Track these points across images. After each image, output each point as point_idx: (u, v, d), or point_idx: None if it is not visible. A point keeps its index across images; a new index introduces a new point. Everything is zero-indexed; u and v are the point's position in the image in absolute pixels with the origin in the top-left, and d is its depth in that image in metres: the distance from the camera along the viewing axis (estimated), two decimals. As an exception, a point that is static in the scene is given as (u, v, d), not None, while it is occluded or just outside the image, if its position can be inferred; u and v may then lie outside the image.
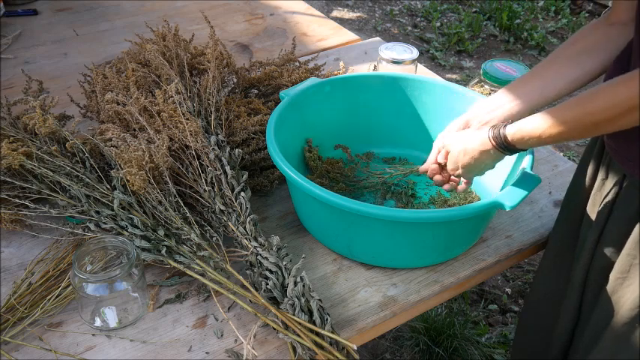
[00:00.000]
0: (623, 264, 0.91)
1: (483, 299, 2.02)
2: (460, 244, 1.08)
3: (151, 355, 0.91)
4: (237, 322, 0.96)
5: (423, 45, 3.64)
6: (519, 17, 3.79)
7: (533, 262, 2.17)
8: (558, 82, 0.98)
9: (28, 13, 1.97)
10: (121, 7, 2.04)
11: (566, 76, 0.98)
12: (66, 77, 1.59)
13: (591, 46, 0.96)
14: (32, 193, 1.06)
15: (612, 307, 0.92)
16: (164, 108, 1.10)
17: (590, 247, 0.98)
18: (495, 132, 0.93)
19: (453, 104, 1.25)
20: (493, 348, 1.80)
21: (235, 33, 1.90)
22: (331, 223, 1.05)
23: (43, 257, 1.05)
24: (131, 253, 0.94)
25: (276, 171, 1.21)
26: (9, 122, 1.16)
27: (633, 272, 0.89)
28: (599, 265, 0.96)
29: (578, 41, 0.98)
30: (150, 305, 0.98)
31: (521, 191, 0.96)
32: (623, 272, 0.91)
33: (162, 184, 1.03)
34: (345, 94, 1.29)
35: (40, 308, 0.95)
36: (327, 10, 3.94)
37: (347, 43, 1.86)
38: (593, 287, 0.99)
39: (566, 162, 1.37)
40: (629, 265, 0.90)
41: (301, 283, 0.91)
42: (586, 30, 0.99)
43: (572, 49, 0.98)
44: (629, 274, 0.90)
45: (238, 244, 1.01)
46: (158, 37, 1.33)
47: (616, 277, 0.92)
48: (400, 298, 1.01)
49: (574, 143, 2.88)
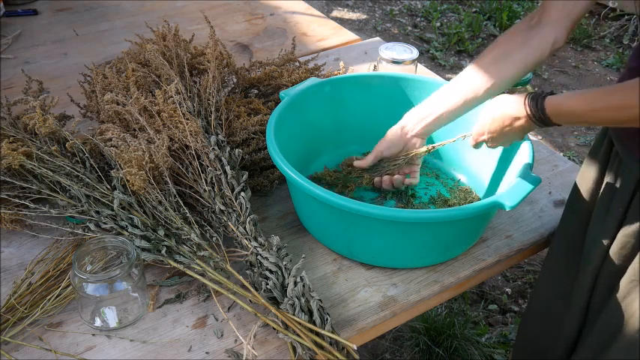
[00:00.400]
0: (636, 267, 0.89)
1: (483, 299, 2.02)
2: (460, 244, 1.08)
3: (151, 355, 0.91)
4: (237, 322, 0.96)
5: (423, 45, 3.64)
6: (519, 17, 3.79)
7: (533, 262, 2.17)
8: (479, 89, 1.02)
9: (28, 13, 1.97)
10: (121, 7, 2.04)
11: (484, 84, 1.01)
12: (66, 77, 1.59)
13: (507, 51, 0.99)
14: (32, 193, 1.06)
15: (623, 311, 0.91)
16: (164, 108, 1.10)
17: (602, 251, 0.96)
18: (533, 102, 0.90)
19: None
20: (493, 348, 1.80)
21: (235, 33, 1.90)
22: (331, 223, 1.05)
23: (43, 257, 1.05)
24: (131, 253, 0.94)
25: (276, 171, 1.21)
26: (9, 122, 1.16)
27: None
28: (611, 268, 0.95)
29: (497, 47, 1.02)
30: (150, 305, 0.98)
31: (521, 191, 0.96)
32: (636, 276, 0.90)
33: (162, 184, 1.03)
34: (345, 94, 1.29)
35: (40, 308, 0.95)
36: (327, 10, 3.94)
37: (347, 43, 1.86)
38: (602, 290, 0.97)
39: (566, 162, 1.37)
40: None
41: (301, 283, 0.91)
42: (508, 33, 1.02)
43: (490, 56, 1.02)
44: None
45: (238, 244, 1.01)
46: (158, 37, 1.33)
47: (630, 280, 0.91)
48: (400, 298, 1.01)
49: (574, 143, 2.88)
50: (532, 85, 1.56)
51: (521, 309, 1.99)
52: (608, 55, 3.60)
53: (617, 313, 0.92)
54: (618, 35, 3.77)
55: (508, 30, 1.02)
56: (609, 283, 0.95)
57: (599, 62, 3.56)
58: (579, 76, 3.43)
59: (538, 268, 2.14)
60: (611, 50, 3.67)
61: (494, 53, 1.01)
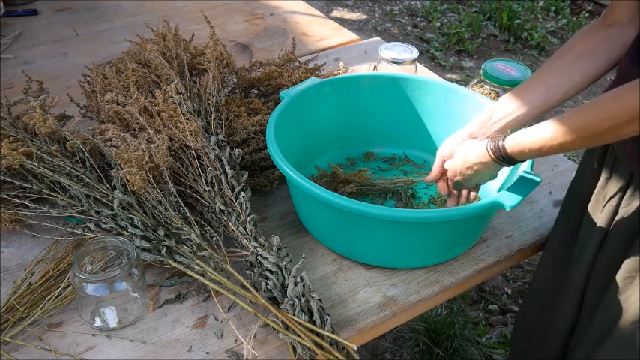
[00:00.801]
0: (631, 263, 0.90)
1: (483, 299, 2.02)
2: (460, 244, 1.08)
3: (151, 355, 0.91)
4: (237, 322, 0.96)
5: (423, 45, 3.64)
6: (519, 17, 3.79)
7: (533, 262, 2.17)
8: (561, 87, 0.98)
9: (28, 13, 1.97)
10: (121, 7, 2.04)
11: (567, 81, 0.97)
12: (66, 77, 1.59)
13: (590, 48, 0.96)
14: (32, 193, 1.06)
15: (620, 306, 0.92)
16: (164, 108, 1.10)
17: (594, 247, 0.97)
18: (494, 145, 0.93)
19: (453, 104, 1.25)
20: (493, 348, 1.80)
21: (235, 33, 1.90)
22: (331, 223, 1.05)
23: (43, 257, 1.05)
24: (131, 253, 0.94)
25: (276, 171, 1.21)
26: (9, 122, 1.16)
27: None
28: (603, 264, 0.96)
29: (576, 44, 0.98)
30: (150, 305, 0.98)
31: (521, 191, 0.96)
32: (631, 271, 0.90)
33: (162, 184, 1.03)
34: (345, 94, 1.29)
35: (40, 308, 0.95)
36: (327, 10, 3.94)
37: (347, 43, 1.86)
38: (595, 287, 0.98)
39: (566, 162, 1.37)
40: (638, 264, 0.89)
41: (301, 283, 0.91)
42: (584, 32, 0.99)
43: (571, 53, 0.98)
44: (639, 273, 0.89)
45: (238, 244, 1.01)
46: (158, 37, 1.33)
47: (624, 276, 0.91)
48: (400, 298, 1.01)
49: (574, 143, 2.88)
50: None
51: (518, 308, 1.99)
52: (608, 55, 3.60)
53: (613, 309, 0.93)
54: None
55: (580, 31, 1.00)
56: (603, 280, 0.96)
57: (599, 62, 3.55)
58: (579, 76, 3.43)
59: (538, 268, 2.14)
60: (611, 50, 3.66)
61: (576, 51, 0.98)
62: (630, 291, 0.91)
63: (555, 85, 0.98)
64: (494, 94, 1.38)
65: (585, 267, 0.99)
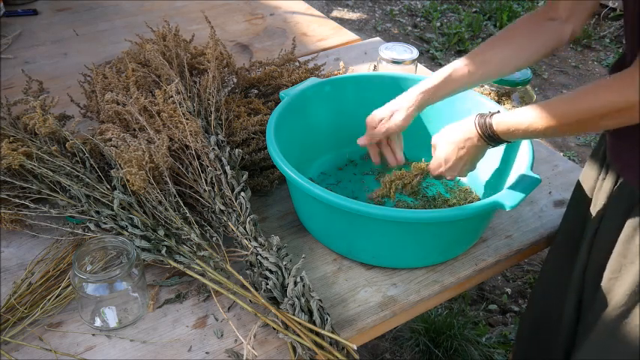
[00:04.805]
0: (614, 263, 0.91)
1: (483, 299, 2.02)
2: (460, 244, 1.08)
3: (151, 355, 0.91)
4: (237, 322, 0.96)
5: (423, 45, 3.64)
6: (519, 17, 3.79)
7: (533, 262, 2.18)
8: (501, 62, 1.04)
9: (28, 13, 1.97)
10: (121, 7, 2.04)
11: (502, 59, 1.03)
12: (66, 77, 1.59)
13: (526, 35, 1.02)
14: (32, 193, 1.06)
15: (606, 306, 0.93)
16: (164, 108, 1.10)
17: (587, 247, 0.98)
18: (482, 120, 0.97)
19: (453, 104, 1.25)
20: (493, 348, 1.80)
21: (235, 33, 1.90)
22: (331, 223, 1.05)
23: (43, 257, 1.05)
24: (131, 253, 0.94)
25: (276, 171, 1.21)
26: (9, 122, 1.16)
27: (624, 272, 0.89)
28: (595, 264, 0.96)
29: (517, 30, 1.04)
30: (150, 305, 0.98)
31: (521, 191, 0.96)
32: (614, 272, 0.91)
33: (162, 184, 1.03)
34: (345, 94, 1.29)
35: (40, 308, 0.95)
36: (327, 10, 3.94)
37: (347, 43, 1.86)
38: (590, 287, 0.99)
39: (566, 162, 1.37)
40: (620, 265, 0.90)
41: (301, 283, 0.91)
42: (524, 20, 1.04)
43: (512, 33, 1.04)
44: (620, 274, 0.90)
45: (238, 244, 1.01)
46: (158, 37, 1.33)
47: (609, 277, 0.92)
48: (400, 298, 1.01)
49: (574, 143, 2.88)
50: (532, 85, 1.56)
51: (521, 309, 1.99)
52: (608, 55, 3.61)
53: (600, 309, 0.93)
54: (618, 35, 3.77)
55: (521, 18, 1.05)
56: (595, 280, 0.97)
57: (599, 62, 3.56)
58: (579, 76, 3.43)
59: (538, 268, 2.14)
60: (611, 50, 3.67)
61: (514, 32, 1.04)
62: (615, 291, 0.91)
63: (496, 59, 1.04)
64: (495, 94, 1.38)
65: (581, 267, 1.00)
